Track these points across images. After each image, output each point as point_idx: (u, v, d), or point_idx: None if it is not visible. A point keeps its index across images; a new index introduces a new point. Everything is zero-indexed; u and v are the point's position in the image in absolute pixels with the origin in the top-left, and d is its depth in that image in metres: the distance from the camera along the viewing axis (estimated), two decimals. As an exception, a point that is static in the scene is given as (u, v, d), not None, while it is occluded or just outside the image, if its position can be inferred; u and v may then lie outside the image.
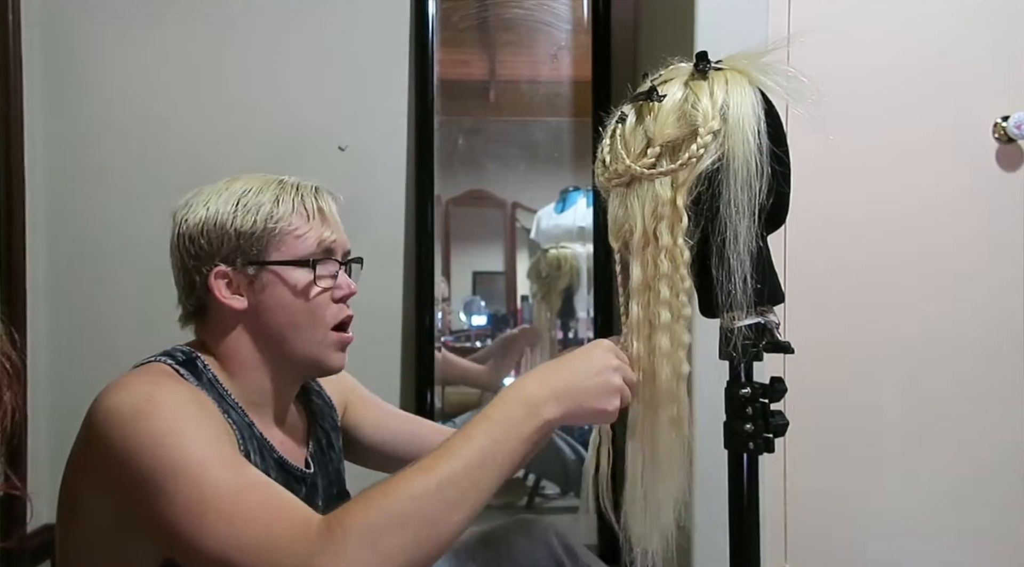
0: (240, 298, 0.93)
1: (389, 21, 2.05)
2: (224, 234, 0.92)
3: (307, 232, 0.94)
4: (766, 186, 0.81)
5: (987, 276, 1.57)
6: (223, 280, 0.92)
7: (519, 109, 2.17)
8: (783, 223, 0.89)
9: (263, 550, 0.72)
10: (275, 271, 0.92)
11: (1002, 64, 1.56)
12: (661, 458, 0.87)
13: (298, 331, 0.93)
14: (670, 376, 0.84)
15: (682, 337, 0.85)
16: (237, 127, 1.95)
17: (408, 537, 0.72)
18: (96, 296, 1.82)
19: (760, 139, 0.82)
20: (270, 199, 0.93)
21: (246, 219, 0.92)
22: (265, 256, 0.92)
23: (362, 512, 0.74)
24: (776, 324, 0.85)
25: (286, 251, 0.93)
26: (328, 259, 0.96)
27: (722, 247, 0.81)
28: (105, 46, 1.96)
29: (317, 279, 0.93)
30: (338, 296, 0.96)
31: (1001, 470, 1.57)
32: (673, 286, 0.84)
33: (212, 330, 0.95)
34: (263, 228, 0.92)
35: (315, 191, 0.97)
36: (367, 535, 0.71)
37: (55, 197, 1.88)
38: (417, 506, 0.74)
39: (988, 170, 1.57)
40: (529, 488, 2.19)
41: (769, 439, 0.84)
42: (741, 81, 0.85)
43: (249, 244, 0.92)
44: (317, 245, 0.95)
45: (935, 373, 1.57)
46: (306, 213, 0.95)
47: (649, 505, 0.88)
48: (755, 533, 0.86)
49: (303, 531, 0.73)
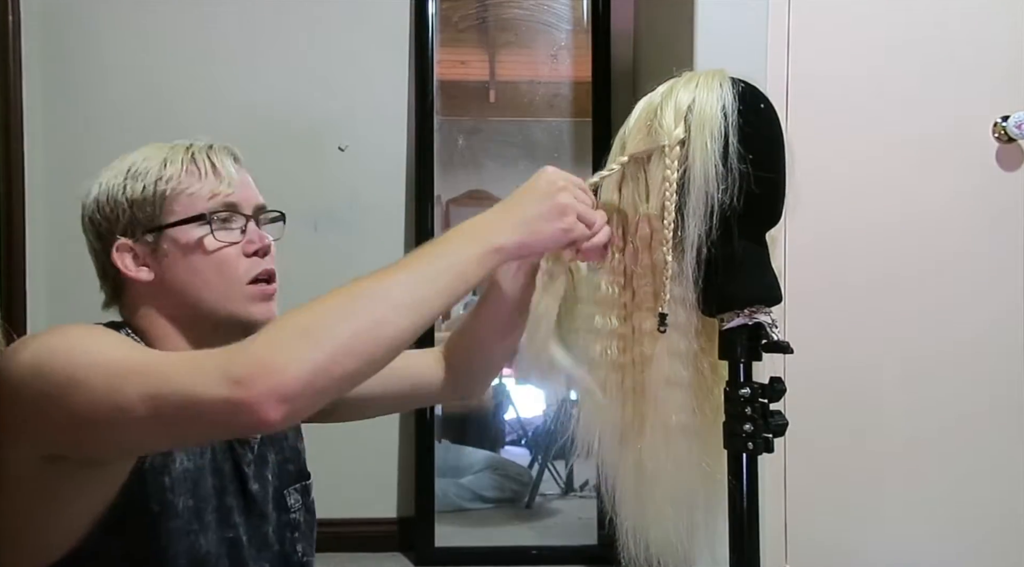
0: (146, 269, 0.89)
1: (389, 21, 2.05)
2: (117, 205, 0.89)
3: (199, 189, 0.90)
4: (733, 188, 0.80)
5: (987, 276, 1.57)
6: (127, 254, 0.89)
7: (519, 109, 2.17)
8: (777, 220, 0.88)
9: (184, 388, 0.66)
10: (173, 234, 0.88)
11: (1002, 64, 1.57)
12: (661, 457, 0.87)
13: (210, 289, 0.89)
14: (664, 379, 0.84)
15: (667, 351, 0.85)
16: (237, 127, 1.95)
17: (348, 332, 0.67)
18: (96, 296, 1.82)
19: (725, 141, 0.80)
20: (158, 163, 0.90)
21: (135, 186, 0.89)
22: (160, 221, 0.88)
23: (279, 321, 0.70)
24: (770, 324, 0.85)
25: (180, 211, 0.89)
26: (231, 213, 0.91)
27: (695, 251, 0.81)
28: (105, 46, 1.96)
29: (215, 233, 0.89)
30: (250, 250, 0.91)
31: (1001, 470, 1.57)
32: (656, 293, 0.84)
33: (130, 309, 0.91)
34: (153, 192, 0.88)
35: (208, 148, 0.93)
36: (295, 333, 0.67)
37: (55, 197, 1.88)
38: (350, 304, 0.70)
39: (988, 170, 1.57)
40: (529, 488, 2.19)
41: (769, 439, 0.84)
42: (712, 81, 0.84)
43: (142, 211, 0.89)
44: (211, 199, 0.90)
45: (935, 372, 1.57)
46: (197, 171, 0.90)
47: (649, 504, 0.88)
48: (755, 533, 0.86)
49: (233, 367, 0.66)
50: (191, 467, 0.84)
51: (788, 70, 1.55)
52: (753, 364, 0.86)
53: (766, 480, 1.18)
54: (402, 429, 2.11)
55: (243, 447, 0.92)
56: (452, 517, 2.08)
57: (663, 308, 0.84)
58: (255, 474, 0.92)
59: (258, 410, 0.63)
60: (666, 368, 0.85)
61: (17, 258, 1.79)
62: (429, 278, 0.73)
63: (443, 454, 2.11)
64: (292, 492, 0.98)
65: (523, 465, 2.24)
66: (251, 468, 0.91)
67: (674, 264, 0.83)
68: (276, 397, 0.63)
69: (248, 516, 0.90)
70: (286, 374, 0.64)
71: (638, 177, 0.86)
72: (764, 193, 0.83)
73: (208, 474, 0.86)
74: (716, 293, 0.85)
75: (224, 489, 0.88)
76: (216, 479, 0.87)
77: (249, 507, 0.90)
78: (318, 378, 0.65)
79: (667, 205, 0.83)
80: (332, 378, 0.66)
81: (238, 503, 0.89)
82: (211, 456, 0.87)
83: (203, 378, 0.66)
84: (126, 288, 0.91)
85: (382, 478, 2.11)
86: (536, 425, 2.27)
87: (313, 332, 0.67)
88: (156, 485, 0.81)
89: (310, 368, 0.64)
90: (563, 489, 2.19)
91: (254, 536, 0.90)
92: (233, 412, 0.64)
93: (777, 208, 0.87)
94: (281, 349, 0.66)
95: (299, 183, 1.98)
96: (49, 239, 1.90)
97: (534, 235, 0.79)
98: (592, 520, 2.05)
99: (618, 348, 0.88)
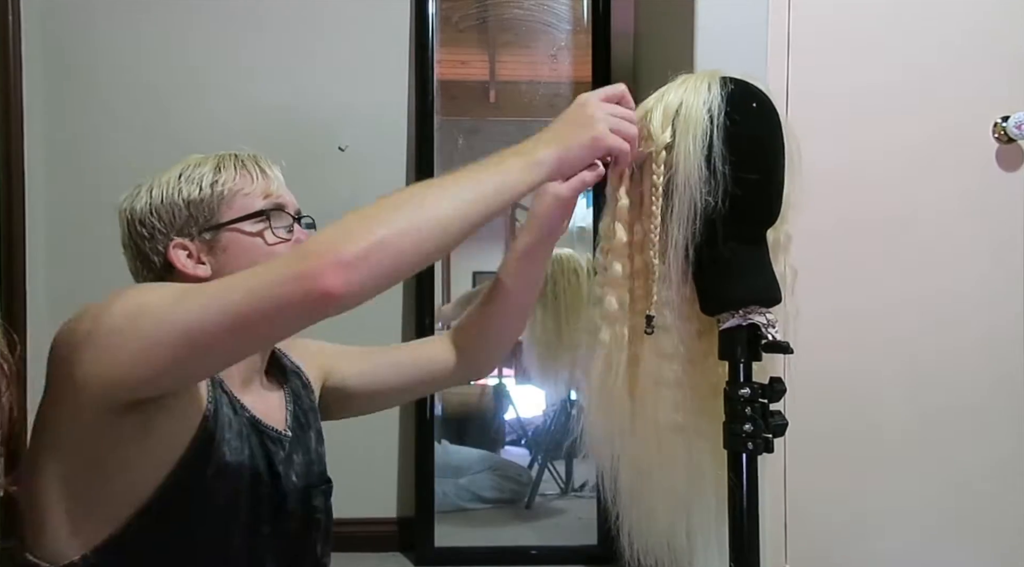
0: (203, 266, 0.93)
1: (389, 21, 2.05)
2: (174, 207, 0.93)
3: (253, 189, 0.96)
4: (718, 191, 0.80)
5: (987, 276, 1.57)
6: (183, 252, 0.93)
7: (519, 109, 2.17)
8: (774, 220, 0.87)
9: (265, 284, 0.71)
10: (232, 230, 0.94)
11: (1002, 64, 1.57)
12: (662, 456, 0.87)
13: None
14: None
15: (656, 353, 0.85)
16: (237, 127, 1.95)
17: (400, 219, 0.73)
18: (96, 296, 1.82)
19: (710, 144, 0.80)
20: (211, 168, 0.96)
21: (191, 189, 0.94)
22: (219, 218, 0.94)
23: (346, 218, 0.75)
24: (766, 325, 0.84)
25: (238, 208, 0.94)
26: (281, 212, 0.97)
27: (682, 253, 0.81)
28: (106, 46, 1.96)
29: (274, 229, 0.95)
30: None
31: (1001, 470, 1.57)
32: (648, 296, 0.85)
33: None
34: (210, 193, 0.94)
35: (255, 157, 1.00)
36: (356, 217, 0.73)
37: (55, 197, 1.88)
38: (402, 199, 0.76)
39: (988, 170, 1.57)
40: (529, 488, 2.19)
41: (768, 439, 0.84)
42: (701, 84, 0.84)
43: (199, 211, 0.94)
44: (265, 199, 0.96)
45: (935, 372, 1.57)
46: (249, 175, 0.97)
47: (648, 504, 0.88)
48: (755, 533, 0.86)
49: (297, 252, 0.74)
50: (231, 461, 0.87)
51: (788, 70, 1.55)
52: (753, 364, 0.86)
53: (766, 480, 1.18)
54: (402, 429, 2.12)
55: (275, 445, 0.94)
56: (452, 517, 2.08)
57: (650, 311, 0.84)
58: (285, 472, 0.94)
59: (320, 278, 0.68)
60: (655, 369, 0.86)
61: (17, 258, 1.79)
62: (477, 182, 0.79)
63: (443, 454, 2.11)
64: (318, 493, 1.01)
65: (523, 465, 2.24)
66: (282, 466, 0.94)
67: (662, 267, 0.84)
68: (336, 264, 0.68)
69: (277, 512, 0.93)
70: (346, 245, 0.69)
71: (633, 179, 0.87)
72: (755, 193, 0.83)
73: (245, 470, 0.89)
74: (711, 294, 0.85)
75: (258, 485, 0.90)
76: (251, 475, 0.90)
77: (279, 503, 0.93)
78: (374, 252, 0.70)
79: (653, 210, 0.83)
80: (387, 254, 0.71)
81: (269, 498, 0.91)
82: (249, 452, 0.90)
83: (268, 268, 0.72)
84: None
85: (382, 478, 2.11)
86: (536, 425, 2.27)
87: (372, 217, 0.73)
88: (198, 479, 0.83)
89: (367, 242, 0.70)
90: (563, 489, 2.19)
91: (281, 531, 0.93)
92: (297, 283, 0.69)
93: (772, 207, 0.87)
94: (341, 227, 0.72)
95: (299, 183, 1.98)
96: (49, 239, 1.90)
97: (568, 147, 0.84)
98: (592, 520, 2.05)
99: (615, 349, 0.88)
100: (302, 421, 1.03)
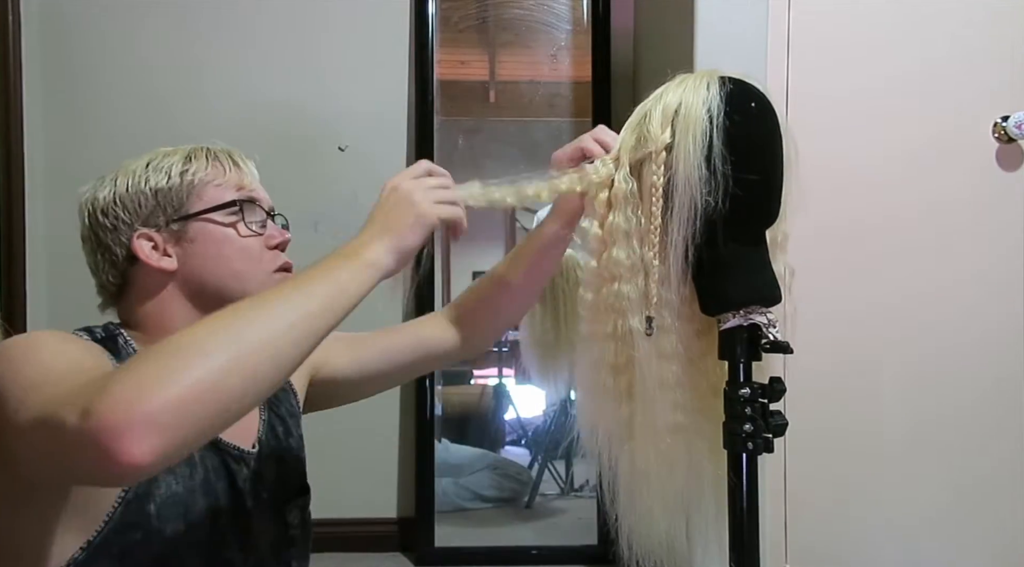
0: (168, 258, 0.88)
1: (389, 21, 2.05)
2: (140, 196, 0.89)
3: (226, 180, 0.91)
4: (718, 191, 0.79)
5: (987, 276, 1.57)
6: (148, 243, 0.88)
7: (519, 109, 2.17)
8: (774, 219, 0.87)
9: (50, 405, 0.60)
10: (202, 220, 0.89)
11: (1002, 64, 1.56)
12: (661, 456, 0.87)
13: (239, 278, 0.89)
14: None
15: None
16: (237, 127, 1.95)
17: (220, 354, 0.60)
18: (96, 296, 1.82)
19: (709, 144, 0.79)
20: (180, 157, 0.91)
21: (159, 178, 0.89)
22: (188, 209, 0.89)
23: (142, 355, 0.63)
24: (767, 325, 0.84)
25: (208, 199, 0.89)
26: (254, 205, 0.92)
27: (681, 254, 0.81)
28: (105, 47, 1.96)
29: (247, 222, 0.90)
30: (272, 243, 0.93)
31: (1001, 470, 1.57)
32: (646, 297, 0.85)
33: (141, 301, 0.90)
34: (179, 182, 0.89)
35: (228, 150, 0.95)
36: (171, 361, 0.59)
37: (55, 197, 1.88)
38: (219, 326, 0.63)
39: (988, 170, 1.57)
40: (529, 488, 2.19)
41: (769, 439, 0.84)
42: (699, 83, 0.83)
43: (168, 200, 0.89)
44: (238, 191, 0.91)
45: (935, 373, 1.57)
46: (221, 166, 0.92)
47: (648, 505, 0.88)
48: (755, 533, 0.86)
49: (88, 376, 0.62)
50: (180, 491, 0.82)
51: (788, 70, 1.55)
52: (753, 364, 0.86)
53: (766, 480, 1.18)
54: (402, 429, 2.12)
55: (238, 464, 0.89)
56: (452, 517, 2.08)
57: (649, 311, 0.84)
58: (251, 491, 0.90)
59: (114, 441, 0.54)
60: (654, 369, 0.86)
61: (17, 258, 1.79)
62: (307, 296, 0.70)
63: (443, 454, 2.11)
64: (293, 509, 0.96)
65: (523, 465, 2.24)
66: (247, 484, 0.89)
67: (662, 267, 0.83)
68: (140, 424, 0.54)
69: (244, 535, 0.88)
70: (152, 397, 0.56)
71: (632, 181, 0.86)
72: (754, 193, 0.82)
73: (200, 496, 0.84)
74: (711, 294, 0.85)
75: (218, 510, 0.85)
76: (208, 500, 0.84)
77: (245, 526, 0.88)
78: (187, 401, 0.57)
79: (653, 210, 0.83)
80: (206, 401, 0.58)
81: (232, 520, 0.87)
82: (203, 476, 0.85)
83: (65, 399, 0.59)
84: (137, 282, 0.90)
85: (382, 478, 2.11)
86: (536, 425, 2.27)
87: (183, 352, 0.60)
88: (141, 514, 0.78)
89: (180, 388, 0.57)
90: (563, 489, 2.19)
91: (249, 555, 0.88)
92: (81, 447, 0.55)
93: (771, 207, 0.86)
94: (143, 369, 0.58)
95: (299, 183, 1.98)
96: (49, 239, 1.90)
97: (399, 236, 0.81)
98: (592, 520, 2.05)
99: (613, 350, 0.88)
100: (278, 430, 0.99)
